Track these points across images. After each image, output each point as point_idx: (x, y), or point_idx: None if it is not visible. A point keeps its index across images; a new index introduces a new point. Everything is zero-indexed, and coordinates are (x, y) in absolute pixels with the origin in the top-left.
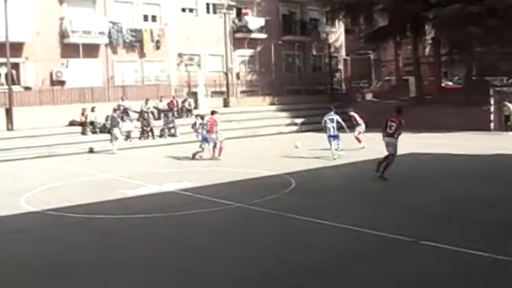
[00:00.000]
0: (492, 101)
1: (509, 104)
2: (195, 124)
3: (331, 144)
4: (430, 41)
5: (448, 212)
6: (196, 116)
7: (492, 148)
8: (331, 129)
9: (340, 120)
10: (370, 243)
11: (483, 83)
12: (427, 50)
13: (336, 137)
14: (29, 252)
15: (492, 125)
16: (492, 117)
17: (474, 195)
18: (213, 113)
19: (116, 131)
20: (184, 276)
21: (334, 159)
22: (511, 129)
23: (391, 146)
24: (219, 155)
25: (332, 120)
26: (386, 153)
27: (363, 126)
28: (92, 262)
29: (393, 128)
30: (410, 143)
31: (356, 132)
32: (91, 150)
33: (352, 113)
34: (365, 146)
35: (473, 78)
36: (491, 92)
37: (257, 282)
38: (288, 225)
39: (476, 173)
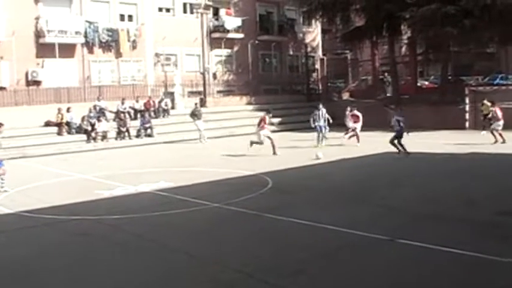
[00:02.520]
0: (467, 100)
1: (487, 103)
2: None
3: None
4: (406, 41)
5: (424, 210)
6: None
7: (468, 147)
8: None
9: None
10: (346, 242)
11: (459, 82)
12: (404, 49)
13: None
14: (4, 255)
15: (467, 123)
16: (467, 116)
17: (451, 193)
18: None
19: None
20: (160, 277)
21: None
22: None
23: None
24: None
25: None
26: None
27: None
28: (68, 263)
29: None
30: (388, 142)
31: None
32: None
33: (356, 112)
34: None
35: (449, 77)
36: (466, 92)
37: (234, 282)
38: (265, 225)
39: (453, 171)
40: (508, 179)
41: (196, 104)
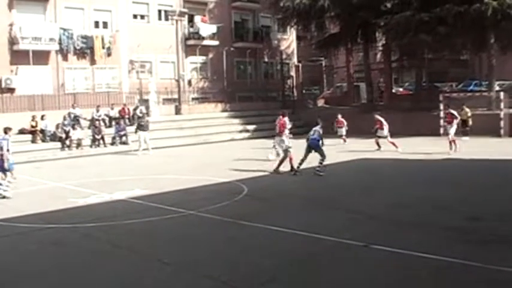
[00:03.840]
0: (442, 107)
1: (466, 109)
2: None
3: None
4: (381, 48)
5: (397, 216)
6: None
7: (442, 153)
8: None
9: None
10: (321, 248)
11: (433, 89)
12: (378, 56)
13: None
14: None
15: (442, 130)
16: (442, 122)
17: (424, 199)
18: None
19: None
20: (133, 285)
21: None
22: (467, 134)
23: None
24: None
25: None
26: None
27: (385, 132)
28: (42, 272)
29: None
30: (360, 148)
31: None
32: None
33: (377, 116)
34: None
35: (424, 84)
36: (440, 98)
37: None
38: (240, 232)
39: (426, 177)
40: (480, 185)
41: (142, 114)
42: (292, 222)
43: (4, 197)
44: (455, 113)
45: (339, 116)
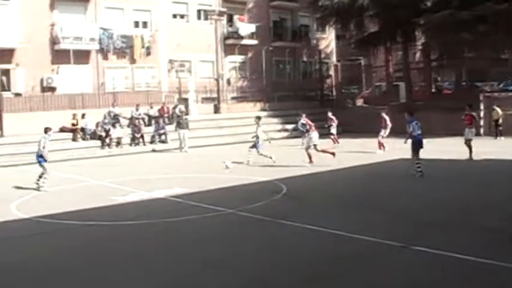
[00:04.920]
0: (482, 107)
1: (497, 108)
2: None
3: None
4: (420, 47)
5: (438, 217)
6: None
7: (481, 153)
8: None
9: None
10: (360, 248)
11: (473, 88)
12: (418, 55)
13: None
14: (19, 260)
15: (482, 130)
16: (482, 122)
17: (464, 200)
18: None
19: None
20: (175, 283)
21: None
22: (501, 134)
23: None
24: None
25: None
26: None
27: (387, 131)
28: (81, 269)
29: None
30: (401, 148)
31: (379, 137)
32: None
33: (383, 115)
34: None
35: (463, 83)
36: (480, 98)
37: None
38: (279, 231)
39: (466, 178)
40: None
41: (181, 112)
42: (331, 222)
43: (39, 190)
44: (475, 114)
45: (329, 114)
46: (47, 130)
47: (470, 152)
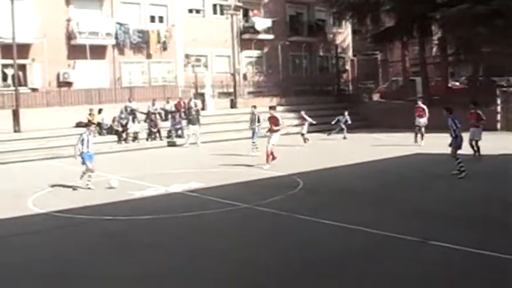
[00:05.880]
0: (499, 101)
1: None
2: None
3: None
4: (436, 42)
5: (456, 212)
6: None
7: (499, 148)
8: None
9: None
10: (378, 243)
11: (490, 83)
12: (434, 50)
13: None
14: (36, 254)
15: (499, 125)
16: (499, 117)
17: (483, 195)
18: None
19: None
20: (193, 278)
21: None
22: None
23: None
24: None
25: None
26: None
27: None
28: (100, 264)
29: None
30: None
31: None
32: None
33: (420, 104)
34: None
35: (480, 78)
36: (497, 93)
37: (263, 283)
38: (295, 226)
39: (484, 173)
40: None
41: (190, 108)
42: (348, 216)
43: (89, 188)
44: (481, 113)
45: (420, 103)
46: (87, 126)
47: (478, 151)
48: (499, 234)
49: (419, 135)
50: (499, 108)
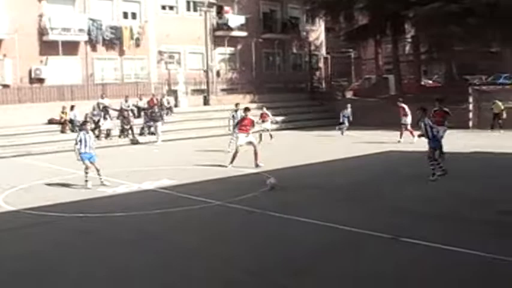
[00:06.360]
0: (471, 100)
1: (499, 102)
2: None
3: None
4: (409, 40)
5: (427, 209)
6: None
7: (471, 146)
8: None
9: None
10: (349, 240)
11: (462, 81)
12: (407, 48)
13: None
14: (7, 251)
15: (471, 123)
16: (471, 115)
17: (453, 192)
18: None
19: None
20: (166, 274)
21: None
22: (501, 127)
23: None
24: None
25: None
26: None
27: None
28: (72, 261)
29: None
30: (390, 140)
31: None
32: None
33: (402, 104)
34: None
35: (453, 76)
36: (470, 91)
37: (238, 279)
38: (267, 223)
39: (456, 171)
40: (510, 179)
41: (152, 106)
42: (320, 213)
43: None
44: (448, 110)
45: (264, 109)
46: (83, 125)
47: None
48: (468, 231)
49: (408, 133)
50: (471, 107)
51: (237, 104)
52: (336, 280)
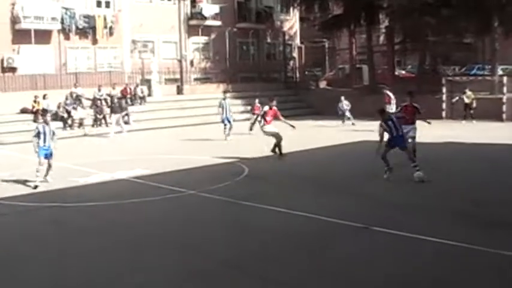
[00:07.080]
0: (444, 90)
1: (469, 92)
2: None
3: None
4: (384, 30)
5: (400, 199)
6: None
7: (444, 136)
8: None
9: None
10: (321, 229)
11: (436, 72)
12: (381, 38)
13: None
14: None
15: (444, 113)
16: (444, 106)
17: (427, 183)
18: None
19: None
20: (137, 265)
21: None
22: (473, 117)
23: None
24: None
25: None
26: None
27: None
28: (44, 250)
29: None
30: (364, 130)
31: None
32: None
33: (387, 91)
34: None
35: (426, 67)
36: (443, 82)
37: (211, 269)
38: (240, 212)
39: (430, 161)
40: (483, 170)
41: (112, 95)
42: (293, 203)
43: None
44: (418, 106)
45: (256, 102)
46: (42, 116)
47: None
48: (440, 220)
49: None
50: (444, 97)
51: (225, 92)
52: (306, 268)
